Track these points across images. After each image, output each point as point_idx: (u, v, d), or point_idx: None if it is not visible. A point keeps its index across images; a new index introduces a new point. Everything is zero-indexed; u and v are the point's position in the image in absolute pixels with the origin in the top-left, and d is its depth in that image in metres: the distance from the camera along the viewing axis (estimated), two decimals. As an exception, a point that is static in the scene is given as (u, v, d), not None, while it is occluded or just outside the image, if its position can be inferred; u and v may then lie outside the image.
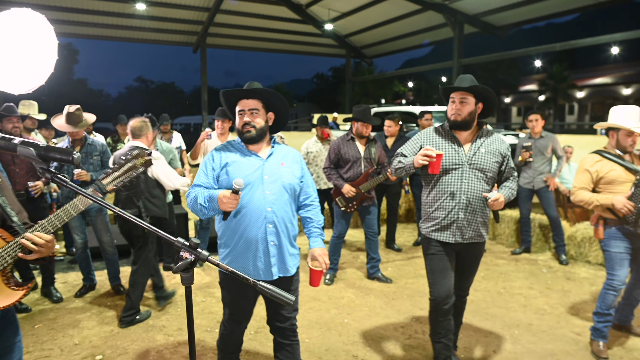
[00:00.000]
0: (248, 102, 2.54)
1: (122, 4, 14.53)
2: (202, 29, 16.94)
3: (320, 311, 4.21)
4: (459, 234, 2.96)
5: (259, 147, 2.59)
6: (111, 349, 3.51)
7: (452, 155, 2.93)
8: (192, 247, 1.30)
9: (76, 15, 14.95)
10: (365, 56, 20.78)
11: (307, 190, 2.70)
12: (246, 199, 2.44)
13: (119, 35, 17.45)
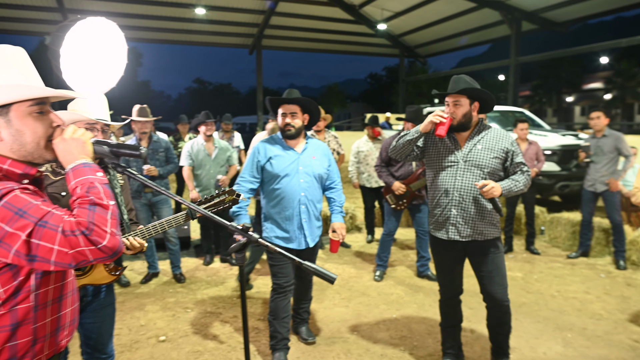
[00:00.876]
0: (289, 107, 3.20)
1: (183, 9, 15.20)
2: (257, 31, 17.39)
3: (369, 306, 4.31)
4: (455, 231, 2.93)
5: (295, 142, 3.26)
6: (173, 331, 3.78)
7: (447, 153, 2.94)
8: (245, 230, 1.44)
9: (141, 20, 15.79)
10: (419, 55, 20.56)
11: (332, 176, 3.41)
12: (285, 185, 3.15)
13: (180, 38, 18.23)
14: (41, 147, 1.28)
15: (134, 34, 16.46)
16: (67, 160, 1.29)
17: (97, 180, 1.25)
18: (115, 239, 1.17)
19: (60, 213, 1.16)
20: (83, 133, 1.32)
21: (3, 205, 1.11)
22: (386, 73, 58.51)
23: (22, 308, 1.21)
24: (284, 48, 20.02)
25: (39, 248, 1.11)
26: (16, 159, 1.25)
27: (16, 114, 1.23)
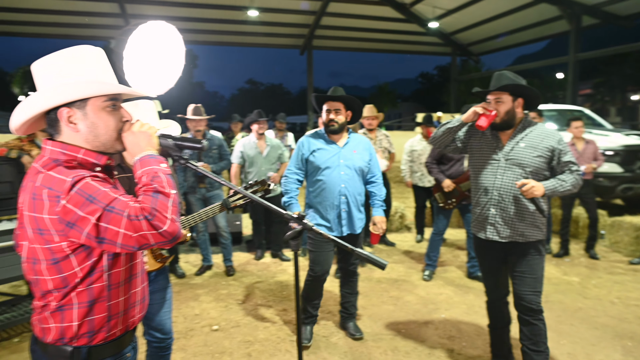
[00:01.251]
0: (333, 104, 3.41)
1: (236, 12, 15.62)
2: (308, 32, 17.59)
3: (418, 305, 4.30)
4: (494, 231, 2.85)
5: (338, 137, 3.46)
6: (225, 321, 3.93)
7: (489, 150, 2.86)
8: (299, 218, 1.51)
9: (197, 24, 16.35)
10: (472, 54, 20.09)
11: (374, 170, 3.57)
12: (326, 177, 3.38)
13: (233, 40, 18.74)
14: (112, 139, 1.39)
15: (191, 36, 17.06)
16: (135, 151, 1.39)
17: (161, 170, 1.34)
18: (175, 225, 1.26)
19: (126, 199, 1.25)
20: (149, 127, 1.43)
21: (76, 191, 1.21)
22: (438, 72, 57.43)
23: (97, 287, 1.33)
24: (335, 48, 20.12)
25: (107, 231, 1.21)
26: (89, 148, 1.37)
27: (92, 108, 1.34)
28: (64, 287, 1.30)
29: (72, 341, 1.33)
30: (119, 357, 1.43)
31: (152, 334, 2.50)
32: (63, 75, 1.32)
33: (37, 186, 1.25)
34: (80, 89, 1.30)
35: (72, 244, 1.26)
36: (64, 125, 1.34)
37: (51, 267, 1.28)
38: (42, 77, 1.34)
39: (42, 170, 1.27)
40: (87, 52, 1.37)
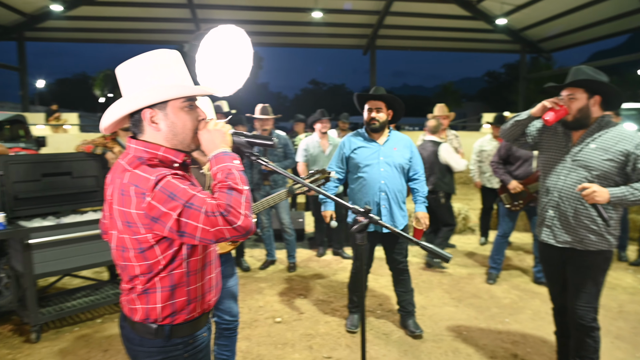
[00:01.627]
0: (375, 102, 3.53)
1: (300, 14, 15.88)
2: (372, 31, 17.55)
3: (480, 308, 4.22)
4: (550, 234, 2.72)
5: (378, 135, 3.58)
6: (288, 314, 4.06)
7: (557, 149, 2.71)
8: (366, 212, 1.57)
9: (263, 26, 16.80)
10: (542, 50, 19.17)
11: (415, 168, 3.64)
12: (367, 174, 3.51)
13: (297, 42, 19.06)
14: (189, 137, 1.50)
15: (257, 39, 17.55)
16: (210, 148, 1.49)
17: (234, 167, 1.43)
18: (248, 220, 1.34)
19: (203, 196, 1.34)
20: (223, 125, 1.53)
21: (159, 189, 1.32)
22: (505, 70, 55.21)
23: (178, 273, 1.47)
24: (398, 47, 19.93)
25: (187, 225, 1.31)
26: (168, 146, 1.49)
27: (172, 109, 1.45)
28: (149, 272, 1.44)
29: (157, 321, 1.48)
30: (196, 336, 1.56)
31: (220, 316, 2.71)
32: (146, 79, 1.45)
33: (125, 183, 1.38)
34: (163, 92, 1.42)
35: (156, 236, 1.39)
36: (147, 125, 1.46)
37: (138, 255, 1.43)
38: (127, 81, 1.47)
39: (129, 169, 1.41)
40: (166, 56, 1.49)
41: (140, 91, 1.43)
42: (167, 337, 1.49)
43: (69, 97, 40.65)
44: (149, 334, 1.49)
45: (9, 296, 3.99)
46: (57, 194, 3.97)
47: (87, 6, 14.76)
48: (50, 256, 3.58)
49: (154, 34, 17.84)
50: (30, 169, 3.85)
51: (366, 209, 1.61)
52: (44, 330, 3.73)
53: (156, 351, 1.50)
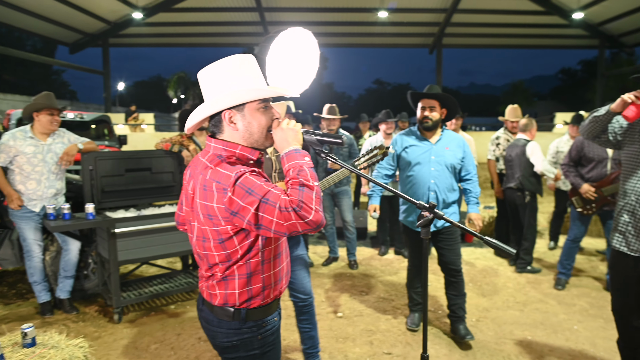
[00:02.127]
0: (428, 101, 3.47)
1: (366, 14, 15.94)
2: (438, 30, 17.25)
3: (547, 314, 4.10)
4: (622, 240, 2.54)
5: (431, 134, 3.53)
6: (349, 310, 4.16)
7: (638, 148, 2.52)
8: (431, 207, 1.61)
9: (329, 27, 17.04)
10: (624, 45, 17.94)
11: (468, 168, 3.58)
12: (416, 173, 3.48)
13: (362, 42, 19.13)
14: (264, 135, 1.62)
15: (322, 40, 17.80)
16: (283, 146, 1.58)
17: (305, 164, 1.52)
18: (319, 215, 1.42)
19: (277, 192, 1.43)
20: (295, 124, 1.64)
21: (239, 185, 1.44)
22: (582, 67, 52.13)
23: (254, 262, 1.60)
24: (466, 46, 19.45)
25: (263, 219, 1.42)
26: (245, 145, 1.63)
27: (249, 110, 1.58)
28: (228, 261, 1.58)
29: (235, 305, 1.62)
30: (268, 320, 1.69)
31: (296, 295, 2.98)
32: (226, 83, 1.59)
33: (208, 179, 1.51)
34: (240, 95, 1.55)
35: (234, 228, 1.51)
36: (226, 125, 1.59)
37: (217, 245, 1.57)
38: (208, 85, 1.62)
39: (210, 166, 1.54)
40: (242, 60, 1.62)
41: (221, 95, 1.57)
42: (242, 320, 1.63)
43: (145, 98, 43.18)
44: (227, 316, 1.63)
45: (95, 280, 4.38)
46: (138, 187, 4.31)
47: (164, 13, 15.66)
48: (132, 245, 3.91)
49: (224, 37, 18.60)
50: (116, 165, 4.21)
51: (431, 204, 1.64)
52: (125, 313, 4.07)
53: (232, 332, 1.64)
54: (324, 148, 1.73)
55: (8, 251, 4.19)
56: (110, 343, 3.52)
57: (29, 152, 3.80)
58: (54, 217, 3.75)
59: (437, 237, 3.56)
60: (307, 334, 3.07)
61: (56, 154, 3.94)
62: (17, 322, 3.84)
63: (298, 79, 2.52)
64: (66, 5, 13.63)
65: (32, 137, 3.85)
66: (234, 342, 1.65)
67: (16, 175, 3.83)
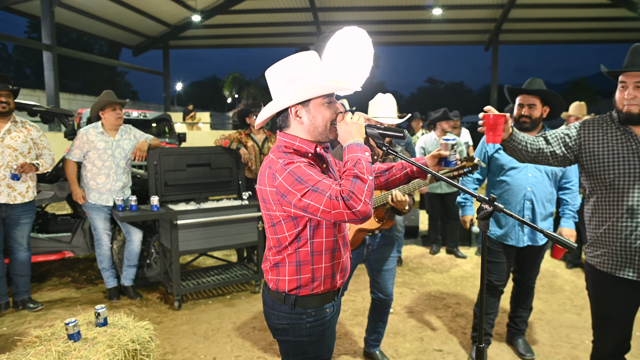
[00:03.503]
0: (527, 98, 2.99)
1: (420, 12, 15.74)
2: (494, 26, 16.76)
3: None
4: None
5: (530, 134, 2.90)
6: (400, 306, 4.17)
7: (628, 157, 2.13)
8: (491, 200, 1.61)
9: (381, 26, 16.96)
10: (701, 39, 16.73)
11: (569, 175, 3.13)
12: (510, 178, 3.06)
13: (416, 40, 18.89)
14: (327, 129, 1.68)
15: (375, 38, 17.23)
16: (345, 139, 1.63)
17: (364, 158, 1.55)
18: (367, 207, 1.46)
19: (328, 182, 1.50)
20: (359, 118, 1.69)
21: (290, 172, 1.54)
22: (654, 62, 48.76)
23: (303, 251, 1.67)
24: (524, 42, 18.79)
25: (309, 206, 1.50)
26: (306, 138, 1.68)
27: (314, 105, 1.66)
28: (279, 246, 1.68)
29: (284, 291, 1.70)
30: (320, 309, 1.75)
31: (377, 293, 3.05)
32: (293, 80, 1.68)
33: (264, 165, 1.65)
34: (305, 92, 1.63)
35: (284, 213, 1.60)
36: (292, 119, 1.69)
37: (270, 229, 1.68)
38: (275, 82, 1.71)
39: (270, 155, 1.68)
40: (307, 58, 1.70)
41: (289, 92, 1.65)
42: (292, 305, 1.70)
43: (201, 98, 44.65)
44: (279, 299, 1.72)
45: (157, 269, 4.64)
46: (198, 182, 4.53)
47: (221, 15, 16.17)
48: (192, 236, 4.11)
49: (277, 38, 18.94)
50: (178, 160, 4.44)
51: (492, 197, 1.59)
52: (184, 301, 4.29)
53: (283, 316, 1.73)
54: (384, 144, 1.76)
55: (80, 239, 4.52)
56: (171, 328, 3.74)
57: (100, 148, 4.09)
58: (122, 208, 4.02)
59: (526, 254, 3.18)
60: (376, 329, 3.16)
61: (124, 149, 4.21)
62: (88, 304, 4.14)
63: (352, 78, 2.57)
64: (131, 10, 14.36)
65: (102, 132, 4.13)
66: (284, 325, 1.74)
67: (88, 171, 4.13)
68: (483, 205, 1.59)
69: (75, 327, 2.58)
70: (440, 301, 4.31)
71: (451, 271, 5.17)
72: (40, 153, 3.98)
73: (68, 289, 4.57)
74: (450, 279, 4.91)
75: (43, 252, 4.42)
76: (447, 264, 5.43)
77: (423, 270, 5.23)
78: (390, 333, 3.66)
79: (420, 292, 4.55)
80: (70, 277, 4.88)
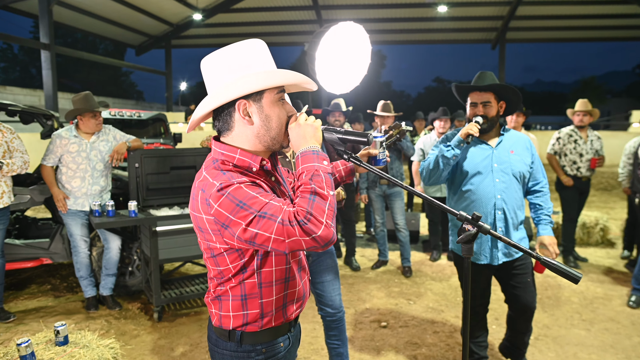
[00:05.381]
0: (480, 95, 2.68)
1: (425, 9, 15.45)
2: (502, 24, 16.45)
3: (619, 335, 3.65)
4: None
5: (489, 136, 2.75)
6: (394, 319, 3.91)
7: None
8: (475, 219, 1.35)
9: (387, 24, 16.68)
10: None
11: (537, 176, 2.77)
12: (475, 186, 2.67)
13: (420, 38, 18.60)
14: (282, 132, 1.39)
15: (380, 37, 17.47)
16: (299, 144, 1.35)
17: (322, 168, 1.28)
18: (329, 231, 1.19)
19: (278, 204, 1.21)
20: (314, 120, 1.39)
21: (227, 197, 1.22)
22: (665, 61, 48.14)
23: (249, 283, 1.36)
24: (532, 40, 18.46)
25: (258, 236, 1.20)
26: (248, 148, 1.37)
27: (268, 101, 1.34)
28: (220, 278, 1.38)
29: (228, 327, 1.42)
30: (272, 345, 1.45)
31: (323, 309, 2.73)
32: (242, 68, 1.35)
33: (196, 187, 1.32)
34: (265, 79, 1.31)
35: (225, 244, 1.30)
36: (238, 119, 1.35)
37: (211, 260, 1.38)
38: (217, 72, 1.37)
39: (203, 171, 1.34)
40: (254, 44, 1.40)
41: (238, 82, 1.31)
42: (238, 342, 1.42)
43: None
44: (223, 336, 1.43)
45: (139, 277, 4.41)
46: (182, 185, 4.28)
47: (223, 13, 15.98)
48: (173, 243, 3.87)
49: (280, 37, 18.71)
50: (161, 162, 4.20)
51: (475, 215, 1.35)
52: (165, 312, 4.05)
53: (228, 354, 1.44)
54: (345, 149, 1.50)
55: (59, 245, 4.30)
56: (147, 343, 3.50)
57: (73, 151, 3.86)
58: (99, 213, 3.79)
59: (505, 271, 2.76)
60: (335, 350, 2.79)
61: (100, 151, 3.98)
62: (63, 315, 3.92)
63: (349, 76, 2.37)
64: (132, 9, 14.21)
65: (76, 135, 3.90)
66: None
67: (63, 175, 3.91)
68: (465, 225, 1.32)
69: (28, 348, 2.35)
70: (439, 314, 4.03)
71: (451, 280, 4.88)
72: (11, 156, 3.76)
73: (46, 297, 4.35)
74: (450, 289, 4.63)
75: (19, 259, 4.20)
76: (448, 272, 5.15)
77: (422, 278, 4.95)
78: (382, 350, 3.40)
79: (417, 303, 4.28)
80: (50, 285, 4.66)
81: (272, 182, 1.44)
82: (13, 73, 36.89)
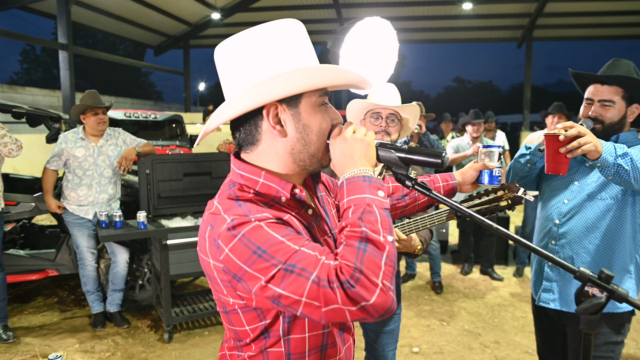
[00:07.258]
0: (601, 90, 1.93)
1: (448, 7, 14.94)
2: (528, 21, 15.81)
3: None
4: None
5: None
6: (427, 344, 3.53)
7: None
8: (604, 279, 0.91)
9: (408, 22, 16.23)
10: None
11: None
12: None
13: (443, 37, 18.08)
14: (323, 148, 1.02)
15: (401, 36, 16.72)
16: (344, 166, 0.98)
17: (376, 202, 0.91)
18: (387, 295, 0.83)
19: (314, 252, 0.87)
20: (366, 133, 1.02)
21: (241, 238, 0.88)
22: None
23: (274, 353, 1.00)
24: (560, 38, 17.76)
25: (282, 298, 0.86)
26: (276, 170, 1.02)
27: (306, 106, 0.99)
28: (238, 341, 1.03)
29: None
30: None
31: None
32: (274, 61, 0.99)
33: (205, 220, 0.99)
34: (305, 78, 0.95)
35: (240, 299, 0.96)
36: (267, 129, 1.00)
37: (224, 315, 1.03)
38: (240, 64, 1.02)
39: (215, 200, 1.01)
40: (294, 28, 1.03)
41: (265, 78, 0.94)
42: None
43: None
44: None
45: (150, 291, 4.11)
46: (196, 193, 3.98)
47: (241, 13, 15.75)
48: (185, 257, 3.56)
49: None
50: (174, 169, 3.90)
51: (604, 273, 0.93)
52: (177, 330, 3.74)
53: None
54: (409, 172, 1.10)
55: (65, 257, 4.03)
56: (156, 368, 3.19)
57: (79, 156, 3.58)
58: (106, 224, 3.50)
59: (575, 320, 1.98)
60: None
61: (108, 156, 3.69)
62: (68, 333, 3.64)
63: (375, 74, 2.14)
64: (151, 9, 14.05)
65: (83, 138, 3.62)
66: None
67: (69, 182, 3.64)
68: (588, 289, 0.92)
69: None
70: (476, 338, 3.64)
71: (486, 297, 4.48)
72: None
73: (51, 312, 4.08)
74: (486, 308, 4.22)
75: (23, 271, 3.94)
76: (482, 288, 4.74)
77: (454, 295, 4.55)
78: (416, 381, 3.03)
79: (450, 324, 3.89)
80: (57, 297, 4.40)
81: (307, 216, 1.06)
82: (35, 74, 37.40)
